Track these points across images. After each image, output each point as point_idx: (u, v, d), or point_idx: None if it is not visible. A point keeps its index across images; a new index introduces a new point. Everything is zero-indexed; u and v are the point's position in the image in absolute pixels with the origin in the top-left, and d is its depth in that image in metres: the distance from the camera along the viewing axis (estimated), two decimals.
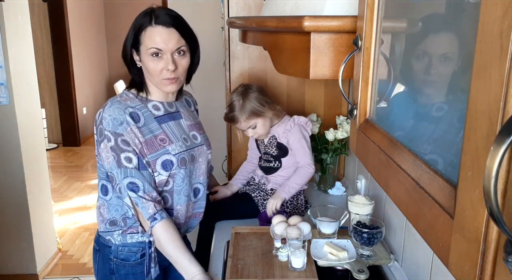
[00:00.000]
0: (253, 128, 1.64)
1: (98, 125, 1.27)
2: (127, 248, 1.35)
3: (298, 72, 0.88)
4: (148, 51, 1.24)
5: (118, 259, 1.35)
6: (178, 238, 1.27)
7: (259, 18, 1.13)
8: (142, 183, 1.25)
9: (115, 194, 1.33)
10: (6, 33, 2.48)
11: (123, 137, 1.24)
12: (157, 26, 1.23)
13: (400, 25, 0.68)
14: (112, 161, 1.24)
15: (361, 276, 1.21)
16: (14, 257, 2.78)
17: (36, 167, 2.84)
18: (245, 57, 1.93)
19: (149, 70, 1.27)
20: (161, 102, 1.36)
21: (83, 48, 5.92)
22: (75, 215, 3.80)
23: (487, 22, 0.37)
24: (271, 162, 1.72)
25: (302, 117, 1.70)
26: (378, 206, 1.48)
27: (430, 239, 0.48)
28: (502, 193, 0.35)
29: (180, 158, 1.33)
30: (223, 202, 1.76)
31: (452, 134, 0.50)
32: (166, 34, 1.23)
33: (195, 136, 1.42)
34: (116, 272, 1.37)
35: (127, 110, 1.27)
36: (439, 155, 0.53)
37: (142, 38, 1.25)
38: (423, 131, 0.59)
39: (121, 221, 1.34)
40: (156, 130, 1.31)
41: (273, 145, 1.70)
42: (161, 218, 1.24)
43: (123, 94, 1.33)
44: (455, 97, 0.51)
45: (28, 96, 2.76)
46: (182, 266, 1.25)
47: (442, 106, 0.55)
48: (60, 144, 5.76)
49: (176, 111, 1.39)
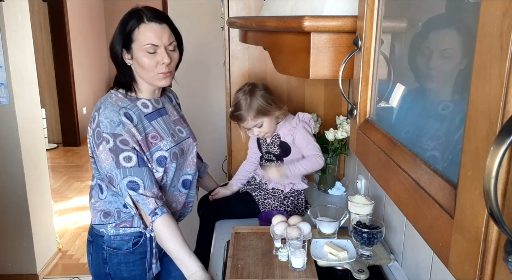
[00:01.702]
0: (259, 127, 1.63)
1: (95, 128, 1.28)
2: (119, 236, 1.38)
3: (298, 72, 0.88)
4: (143, 47, 1.28)
5: (111, 248, 1.38)
6: (178, 234, 1.28)
7: (259, 18, 1.13)
8: (142, 181, 1.27)
9: (109, 192, 1.36)
10: (6, 33, 2.49)
11: (122, 137, 1.26)
12: (150, 23, 1.28)
13: (400, 25, 0.68)
14: (111, 162, 1.26)
15: (361, 276, 1.21)
16: (14, 257, 2.78)
17: (36, 167, 2.84)
18: (245, 57, 1.93)
19: (144, 66, 1.30)
20: (148, 99, 1.39)
21: (83, 48, 5.92)
22: (75, 215, 3.80)
23: (487, 22, 0.37)
24: (273, 161, 1.72)
25: (306, 114, 1.70)
26: (378, 206, 1.48)
27: (430, 239, 0.48)
28: (502, 193, 0.35)
29: (172, 153, 1.37)
30: (223, 201, 1.75)
31: (452, 134, 0.50)
32: (160, 29, 1.29)
33: (180, 130, 1.47)
34: (108, 261, 1.40)
35: (121, 111, 1.29)
36: (439, 155, 0.53)
37: (135, 36, 1.28)
38: (423, 131, 0.59)
39: (115, 213, 1.37)
40: (148, 127, 1.34)
41: (276, 144, 1.69)
42: (161, 213, 1.26)
43: (112, 95, 1.35)
44: (454, 97, 0.51)
45: (28, 96, 2.76)
46: (182, 262, 1.26)
47: (445, 106, 0.55)
48: (60, 144, 5.76)
49: (162, 107, 1.43)
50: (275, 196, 1.69)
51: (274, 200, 1.68)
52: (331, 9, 0.79)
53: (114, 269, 1.40)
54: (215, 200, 1.77)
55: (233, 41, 1.90)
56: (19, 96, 2.63)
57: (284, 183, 1.69)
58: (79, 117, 5.78)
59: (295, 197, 1.71)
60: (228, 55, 1.93)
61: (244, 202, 1.72)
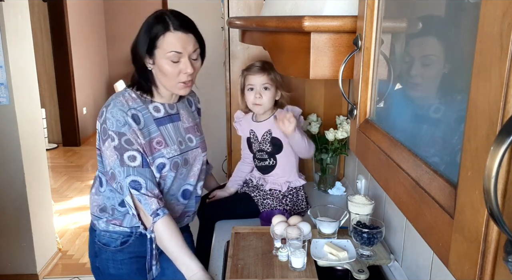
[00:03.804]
0: (264, 89, 1.64)
1: (101, 124, 1.28)
2: (108, 233, 1.40)
3: (298, 72, 0.88)
4: (167, 54, 1.26)
5: (100, 243, 1.41)
6: (179, 235, 1.28)
7: (259, 18, 1.13)
8: (144, 181, 1.27)
9: (108, 187, 1.37)
10: (6, 33, 2.48)
11: (127, 136, 1.26)
12: (177, 32, 1.26)
13: (400, 25, 0.68)
14: (115, 159, 1.26)
15: (361, 276, 1.21)
16: (14, 257, 2.78)
17: (36, 167, 2.84)
18: (245, 57, 1.93)
19: (165, 73, 1.28)
20: (162, 103, 1.37)
21: (83, 48, 5.92)
22: (75, 215, 3.80)
23: (487, 22, 0.37)
24: (266, 160, 1.72)
25: (296, 108, 1.71)
26: (378, 206, 1.48)
27: (430, 239, 0.48)
28: (502, 193, 0.35)
29: (173, 162, 1.35)
30: (222, 202, 1.75)
31: (452, 134, 0.50)
32: (186, 39, 1.27)
33: (190, 139, 1.44)
34: (98, 255, 1.42)
35: (129, 112, 1.28)
36: (439, 155, 0.53)
37: (160, 43, 1.26)
38: (423, 131, 0.59)
39: (110, 209, 1.38)
40: (154, 132, 1.33)
41: (267, 141, 1.69)
42: (163, 214, 1.26)
43: (125, 93, 1.34)
44: (453, 97, 0.51)
45: (28, 96, 2.76)
46: (183, 263, 1.26)
47: (440, 107, 0.55)
48: (60, 144, 5.76)
49: (176, 113, 1.41)
50: (274, 196, 1.69)
51: (273, 200, 1.68)
52: (331, 9, 0.79)
53: (102, 264, 1.42)
54: (215, 201, 1.77)
55: (233, 41, 1.90)
56: (19, 96, 2.63)
57: (281, 183, 1.69)
58: (79, 117, 5.78)
59: (294, 195, 1.71)
60: (228, 55, 1.93)
61: (244, 203, 1.72)
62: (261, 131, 1.71)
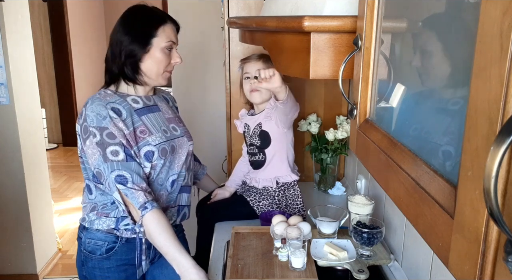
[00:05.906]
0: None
1: (82, 123, 1.28)
2: (93, 241, 1.36)
3: (298, 72, 0.88)
4: (164, 44, 1.33)
5: (86, 251, 1.37)
6: (169, 229, 1.26)
7: (259, 18, 1.13)
8: (130, 175, 1.25)
9: (98, 191, 1.35)
10: (6, 33, 2.48)
11: (108, 130, 1.25)
12: (170, 23, 1.36)
13: (400, 25, 0.68)
14: (98, 156, 1.25)
15: (361, 276, 1.21)
16: (14, 257, 2.78)
17: (36, 167, 2.84)
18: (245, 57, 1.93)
19: (159, 61, 1.34)
20: (139, 96, 1.40)
21: (83, 48, 5.92)
22: (75, 215, 3.79)
23: (487, 22, 0.37)
24: (256, 155, 1.70)
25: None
26: (378, 206, 1.48)
27: (430, 239, 0.48)
28: (502, 193, 0.35)
29: (160, 148, 1.35)
30: (222, 203, 1.75)
31: (452, 133, 0.50)
32: (175, 30, 1.38)
33: (174, 128, 1.46)
34: (85, 264, 1.39)
35: (108, 105, 1.29)
36: (439, 154, 0.53)
37: (159, 32, 1.33)
38: (423, 131, 0.59)
39: (99, 206, 1.36)
40: (137, 122, 1.34)
41: (256, 134, 1.68)
42: (151, 207, 1.24)
43: (101, 92, 1.36)
44: (453, 97, 0.51)
45: (28, 96, 2.76)
46: (173, 258, 1.24)
47: (442, 106, 0.55)
48: (60, 144, 5.76)
49: (154, 104, 1.43)
50: (267, 194, 1.67)
51: (268, 199, 1.66)
52: (331, 9, 0.79)
53: (89, 273, 1.38)
54: (213, 202, 1.76)
55: (233, 41, 1.90)
56: (19, 96, 2.63)
57: (271, 178, 1.67)
58: None
59: (285, 191, 1.68)
60: (228, 55, 1.93)
61: (244, 204, 1.71)
62: (253, 124, 1.69)
